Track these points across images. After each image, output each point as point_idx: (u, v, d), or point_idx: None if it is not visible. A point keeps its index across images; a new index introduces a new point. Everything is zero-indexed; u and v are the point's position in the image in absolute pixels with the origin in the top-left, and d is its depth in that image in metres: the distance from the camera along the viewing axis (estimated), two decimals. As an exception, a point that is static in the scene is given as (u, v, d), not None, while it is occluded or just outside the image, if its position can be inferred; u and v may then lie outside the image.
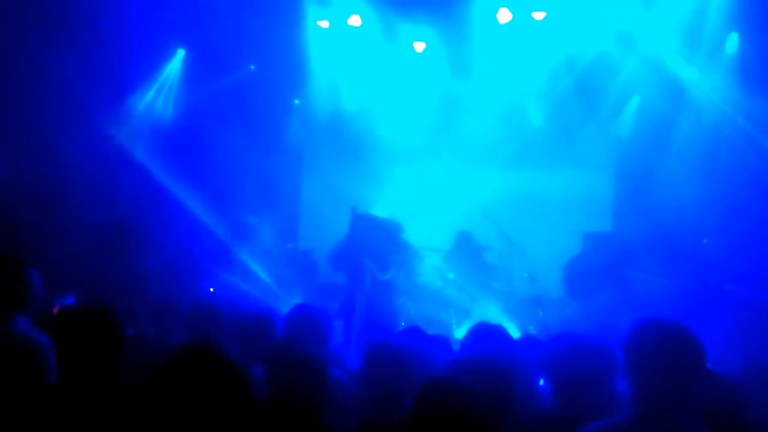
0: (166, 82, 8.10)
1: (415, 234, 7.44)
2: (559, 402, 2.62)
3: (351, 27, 8.25)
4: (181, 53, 8.17)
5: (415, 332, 3.43)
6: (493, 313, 6.63)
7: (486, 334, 2.93)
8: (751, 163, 6.92)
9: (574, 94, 8.00)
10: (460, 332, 6.61)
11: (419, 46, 8.38)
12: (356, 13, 8.13)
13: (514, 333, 4.82)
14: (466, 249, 7.79)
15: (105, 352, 2.24)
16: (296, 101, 9.06)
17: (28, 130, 6.44)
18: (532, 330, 6.49)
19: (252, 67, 8.58)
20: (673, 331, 2.12)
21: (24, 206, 6.03)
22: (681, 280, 6.42)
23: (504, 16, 7.90)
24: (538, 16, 7.86)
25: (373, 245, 6.83)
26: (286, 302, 6.01)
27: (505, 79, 8.26)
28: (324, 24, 8.29)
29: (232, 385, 1.70)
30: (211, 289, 7.09)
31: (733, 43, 7.37)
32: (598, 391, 2.56)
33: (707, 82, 7.42)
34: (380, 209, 7.53)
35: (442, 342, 3.49)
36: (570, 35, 7.77)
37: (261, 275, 7.12)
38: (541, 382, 3.44)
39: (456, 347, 3.50)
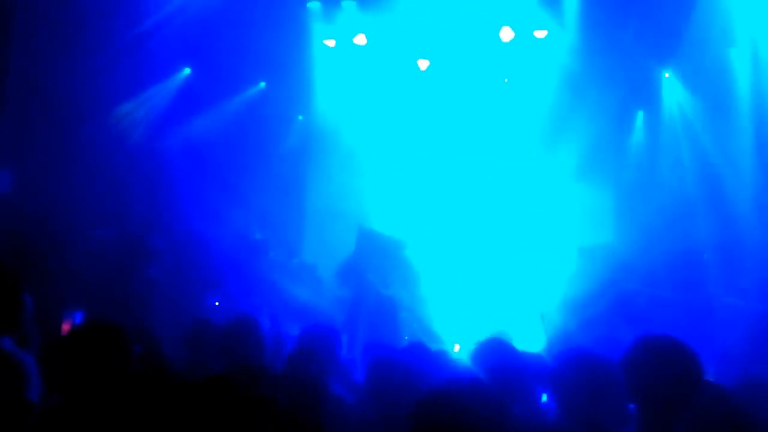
0: (168, 99, 8.19)
1: (418, 249, 7.51)
2: (564, 417, 2.62)
3: (356, 46, 8.37)
4: (186, 71, 8.29)
5: (418, 348, 3.48)
6: (496, 327, 6.65)
7: (495, 349, 2.97)
8: (750, 176, 6.97)
9: (575, 109, 8.08)
10: (464, 346, 6.65)
11: (423, 64, 8.49)
12: (362, 32, 8.25)
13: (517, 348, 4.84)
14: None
15: (114, 370, 2.29)
16: (300, 117, 9.16)
17: (38, 146, 6.54)
18: (535, 345, 6.51)
19: (263, 84, 8.70)
20: (670, 349, 2.18)
21: (33, 222, 6.11)
22: (681, 293, 6.44)
23: (506, 34, 8.03)
24: (540, 34, 7.98)
25: (377, 261, 6.90)
26: (292, 316, 6.07)
27: (507, 95, 8.37)
28: (330, 43, 8.41)
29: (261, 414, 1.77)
30: (216, 303, 7.14)
31: (737, 59, 7.45)
32: (604, 406, 2.55)
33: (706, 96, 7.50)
34: (384, 225, 7.61)
35: (445, 357, 3.54)
36: (570, 52, 7.87)
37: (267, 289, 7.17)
38: (544, 398, 3.48)
39: (456, 362, 3.55)
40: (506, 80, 8.37)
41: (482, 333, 5.93)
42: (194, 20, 7.34)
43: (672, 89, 8.07)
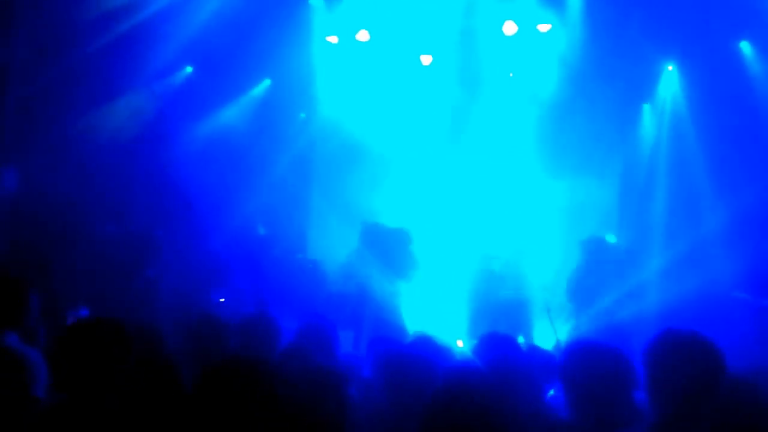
0: (170, 97, 8.16)
1: (423, 244, 7.49)
2: (576, 412, 2.57)
3: (359, 42, 8.34)
4: (188, 69, 8.26)
5: (425, 342, 3.46)
6: (501, 321, 6.66)
7: (496, 342, 2.95)
8: (758, 170, 6.94)
9: (579, 103, 8.04)
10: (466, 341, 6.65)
11: (426, 59, 8.46)
12: (365, 28, 8.22)
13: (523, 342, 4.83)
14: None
15: (114, 366, 2.26)
16: (302, 115, 9.16)
17: (42, 144, 6.54)
18: (542, 339, 6.51)
19: (268, 81, 8.68)
20: (693, 343, 2.14)
21: (39, 219, 6.10)
22: (689, 287, 6.41)
23: (510, 28, 7.99)
24: (543, 28, 7.94)
25: (382, 255, 6.89)
26: (295, 312, 6.06)
27: (511, 90, 8.34)
28: (333, 39, 8.39)
29: (266, 402, 1.75)
30: (222, 300, 7.15)
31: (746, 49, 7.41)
32: (617, 400, 2.51)
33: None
34: (388, 220, 7.59)
35: (453, 351, 3.52)
36: (574, 45, 7.83)
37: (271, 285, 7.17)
38: (551, 392, 3.46)
39: (464, 356, 3.54)
40: (511, 75, 8.35)
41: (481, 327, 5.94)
42: (196, 18, 7.32)
43: (672, 82, 8.02)
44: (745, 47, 7.41)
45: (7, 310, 2.96)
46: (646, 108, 8.35)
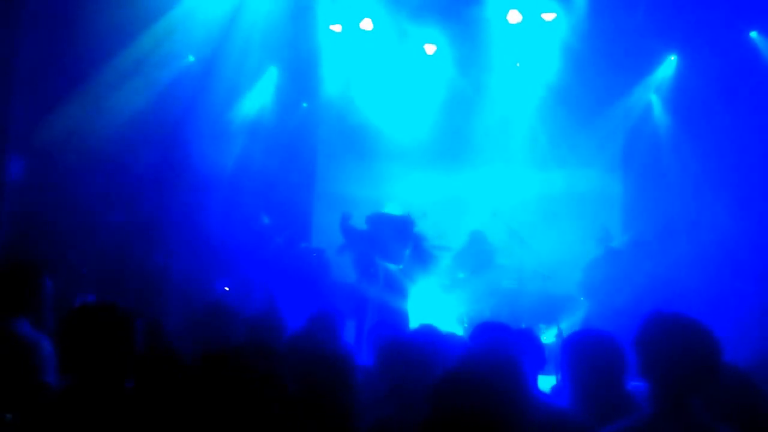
0: (174, 86, 8.14)
1: (426, 233, 7.50)
2: (576, 400, 2.58)
3: (363, 31, 8.31)
4: (190, 59, 8.25)
5: (429, 330, 3.49)
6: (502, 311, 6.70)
7: (490, 329, 2.97)
8: (760, 158, 6.92)
9: (583, 93, 8.01)
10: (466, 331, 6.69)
11: (430, 49, 8.44)
12: (368, 17, 8.20)
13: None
14: (478, 248, 7.85)
15: (119, 350, 2.26)
16: (304, 104, 9.15)
17: (48, 133, 6.56)
18: (545, 329, 6.55)
19: (274, 69, 8.66)
20: (683, 324, 2.07)
21: (45, 207, 6.14)
22: (693, 277, 6.42)
23: (514, 17, 7.96)
24: (548, 17, 7.91)
25: (385, 240, 6.90)
26: (298, 301, 6.10)
27: (515, 79, 8.32)
28: (336, 28, 8.36)
29: (267, 390, 1.77)
30: (227, 288, 7.20)
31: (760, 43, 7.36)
32: (616, 389, 2.53)
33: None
34: (392, 208, 7.60)
35: (457, 339, 3.55)
36: (579, 34, 7.79)
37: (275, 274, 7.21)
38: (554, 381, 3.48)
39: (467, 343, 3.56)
40: (518, 65, 8.31)
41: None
42: (200, 7, 7.31)
43: (677, 72, 7.98)
44: (756, 37, 7.35)
45: (19, 296, 2.98)
46: (652, 98, 8.31)
